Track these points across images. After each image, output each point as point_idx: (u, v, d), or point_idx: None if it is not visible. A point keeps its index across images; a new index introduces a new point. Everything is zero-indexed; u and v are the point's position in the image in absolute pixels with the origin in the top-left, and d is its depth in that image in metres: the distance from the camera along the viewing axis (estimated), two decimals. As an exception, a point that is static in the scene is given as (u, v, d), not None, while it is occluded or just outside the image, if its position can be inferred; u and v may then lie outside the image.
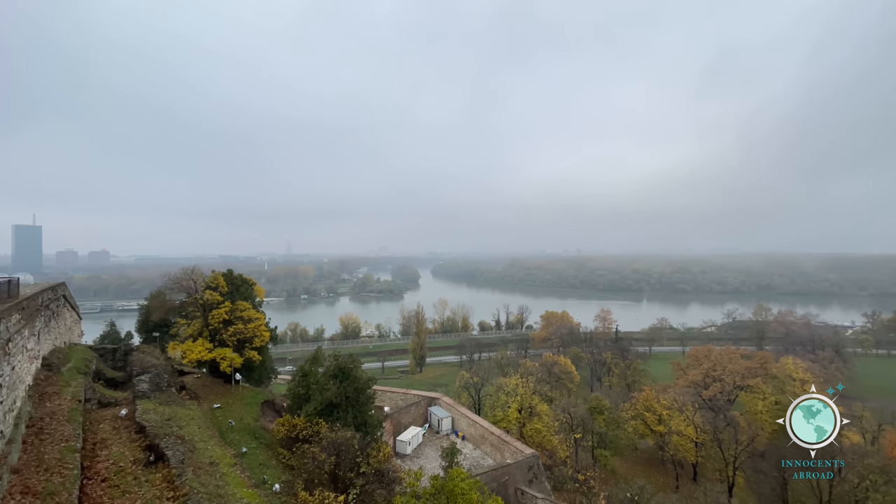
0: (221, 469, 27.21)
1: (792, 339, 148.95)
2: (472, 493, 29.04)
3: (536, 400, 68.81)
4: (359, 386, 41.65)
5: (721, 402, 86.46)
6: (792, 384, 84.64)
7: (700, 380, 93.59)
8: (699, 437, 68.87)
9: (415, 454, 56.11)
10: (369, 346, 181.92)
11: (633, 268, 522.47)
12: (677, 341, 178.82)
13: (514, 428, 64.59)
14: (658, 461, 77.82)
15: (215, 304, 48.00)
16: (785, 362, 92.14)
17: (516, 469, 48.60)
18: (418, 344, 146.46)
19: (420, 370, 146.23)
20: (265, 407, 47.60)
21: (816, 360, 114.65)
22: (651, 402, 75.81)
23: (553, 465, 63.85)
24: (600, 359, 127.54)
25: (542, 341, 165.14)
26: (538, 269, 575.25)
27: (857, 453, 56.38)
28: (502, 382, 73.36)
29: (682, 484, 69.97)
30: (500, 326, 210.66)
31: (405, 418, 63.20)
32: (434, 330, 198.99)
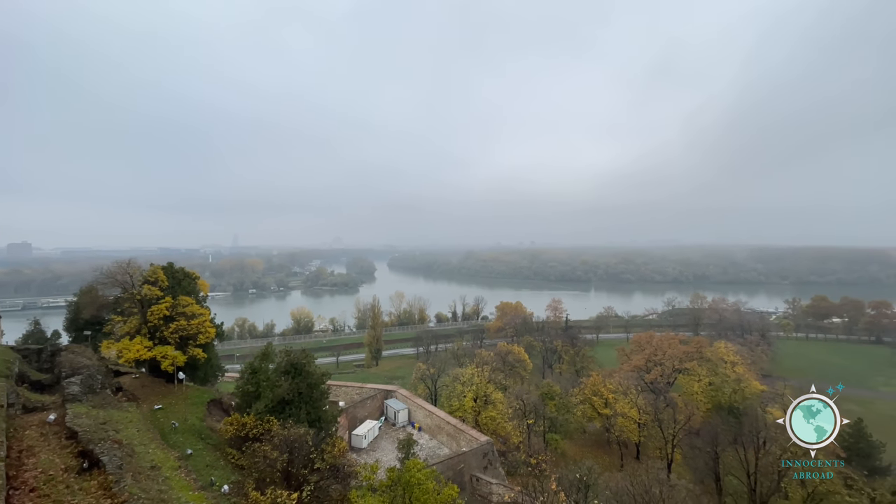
0: (164, 473, 25.78)
1: (724, 324, 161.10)
2: (428, 482, 29.33)
3: (491, 388, 70.24)
4: (312, 381, 40.70)
5: (661, 384, 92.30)
6: (724, 366, 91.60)
7: (643, 364, 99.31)
8: (642, 419, 73.19)
9: (371, 447, 55.83)
10: (323, 341, 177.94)
11: (582, 259, 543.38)
12: (622, 328, 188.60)
13: (469, 416, 65.68)
14: (605, 442, 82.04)
15: (154, 300, 45.12)
16: (718, 346, 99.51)
17: (472, 456, 49.58)
18: (374, 337, 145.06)
19: (376, 363, 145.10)
20: (212, 406, 45.50)
21: (745, 344, 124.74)
22: (598, 387, 79.57)
23: (507, 450, 65.68)
24: (552, 347, 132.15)
25: (497, 331, 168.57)
26: (494, 261, 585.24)
27: (779, 427, 61.92)
28: (458, 373, 74.28)
29: (627, 463, 74.21)
30: (457, 318, 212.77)
31: (361, 412, 62.64)
32: (390, 323, 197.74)
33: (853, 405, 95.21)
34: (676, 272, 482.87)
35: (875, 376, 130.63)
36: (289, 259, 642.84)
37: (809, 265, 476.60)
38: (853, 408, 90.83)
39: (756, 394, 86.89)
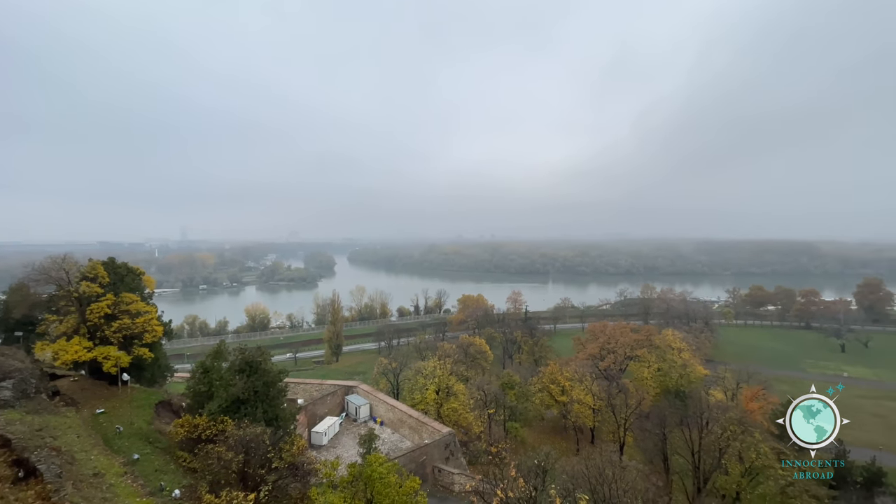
0: (108, 480, 24.41)
1: (671, 313, 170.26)
2: (390, 476, 29.33)
3: (453, 380, 70.95)
4: (268, 380, 39.56)
5: (614, 371, 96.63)
6: (671, 353, 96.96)
7: (597, 352, 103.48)
8: (596, 404, 76.36)
9: (331, 444, 55.11)
10: (280, 338, 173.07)
11: (540, 252, 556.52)
12: (578, 319, 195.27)
13: (431, 409, 66.08)
14: (562, 428, 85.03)
15: (94, 297, 42.20)
16: (666, 334, 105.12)
17: (434, 448, 50.00)
18: (334, 333, 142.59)
19: (336, 359, 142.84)
20: (160, 408, 43.32)
21: (690, 331, 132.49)
22: (555, 375, 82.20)
23: (468, 440, 66.72)
24: (512, 337, 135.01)
25: (459, 324, 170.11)
26: (455, 254, 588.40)
27: (720, 408, 66.52)
28: (421, 366, 74.47)
29: (582, 447, 77.31)
30: (419, 311, 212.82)
31: (321, 409, 61.61)
32: (351, 318, 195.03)
33: (785, 386, 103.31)
34: (628, 264, 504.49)
35: (804, 359, 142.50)
36: (242, 253, 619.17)
37: (748, 257, 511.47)
38: (786, 388, 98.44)
39: (700, 378, 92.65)
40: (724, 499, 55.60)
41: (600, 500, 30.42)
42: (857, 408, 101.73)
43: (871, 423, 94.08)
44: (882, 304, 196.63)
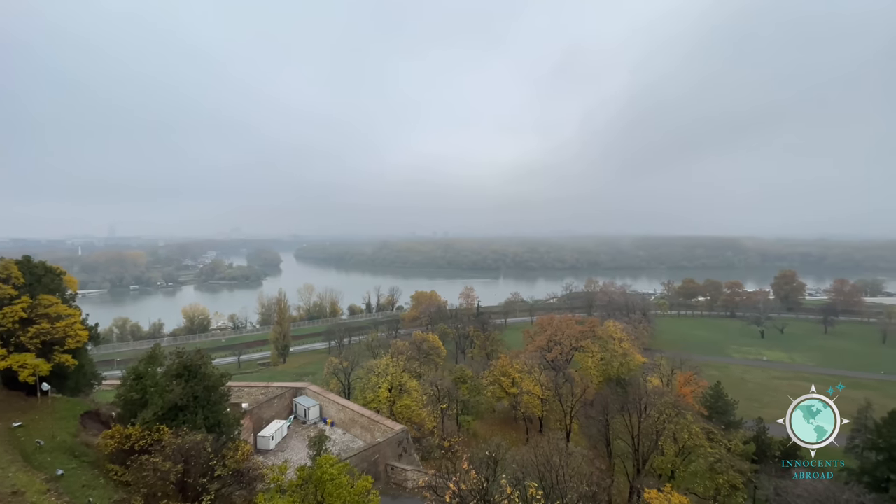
0: (29, 498, 22.36)
1: (613, 305, 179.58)
2: (341, 477, 28.81)
3: (406, 377, 70.80)
4: (209, 384, 37.55)
5: (561, 362, 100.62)
6: (613, 343, 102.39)
7: (545, 344, 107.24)
8: (544, 394, 79.19)
9: (279, 448, 53.30)
10: (222, 340, 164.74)
11: (492, 249, 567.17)
12: (527, 312, 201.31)
13: (384, 407, 65.61)
14: (512, 419, 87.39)
15: (7, 300, 38.06)
16: (608, 325, 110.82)
17: (386, 446, 49.70)
18: (281, 333, 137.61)
19: (284, 361, 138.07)
20: (87, 419, 39.96)
21: (630, 322, 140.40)
22: (506, 368, 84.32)
23: (422, 436, 66.90)
24: (464, 333, 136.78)
25: (412, 320, 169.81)
26: (408, 251, 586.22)
27: (656, 394, 71.16)
28: (373, 364, 73.68)
29: (531, 436, 79.77)
30: (371, 309, 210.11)
31: (267, 412, 59.35)
32: (299, 317, 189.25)
33: (713, 370, 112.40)
34: (574, 259, 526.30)
35: (730, 345, 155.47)
36: (179, 251, 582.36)
37: (681, 252, 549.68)
38: (713, 373, 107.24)
39: (639, 366, 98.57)
40: (661, 478, 59.57)
41: (548, 487, 31.61)
42: (774, 388, 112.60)
43: (787, 402, 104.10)
44: (795, 293, 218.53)
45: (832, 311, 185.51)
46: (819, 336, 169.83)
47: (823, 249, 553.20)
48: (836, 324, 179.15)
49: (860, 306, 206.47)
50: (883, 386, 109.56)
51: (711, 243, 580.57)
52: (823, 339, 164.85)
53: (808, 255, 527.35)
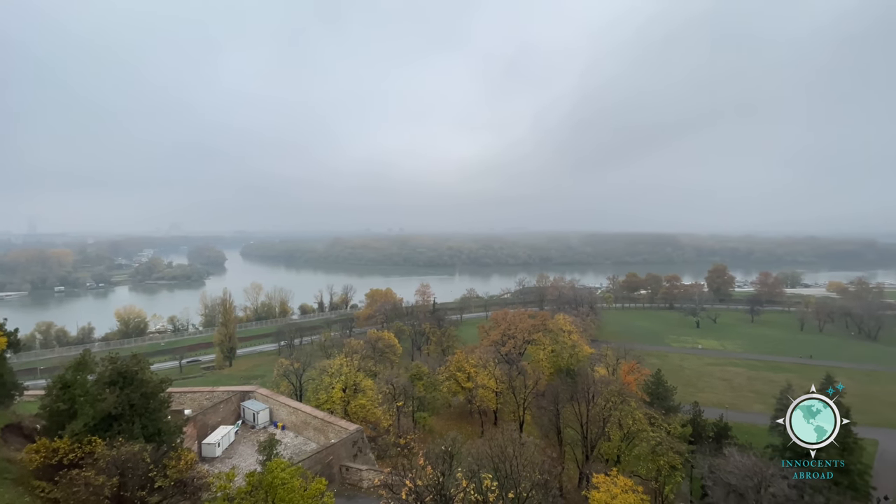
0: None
1: (563, 299, 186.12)
2: (293, 481, 27.96)
3: (361, 376, 69.75)
4: (147, 391, 35.15)
5: (514, 355, 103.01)
6: (563, 335, 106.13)
7: (499, 339, 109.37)
8: (498, 387, 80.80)
9: (226, 455, 50.87)
10: (161, 344, 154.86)
11: (448, 246, 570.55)
12: (482, 308, 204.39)
13: (338, 407, 64.32)
14: (468, 413, 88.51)
15: None
16: (558, 318, 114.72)
17: (341, 447, 48.75)
18: (226, 335, 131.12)
19: (230, 364, 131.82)
20: (8, 433, 36.42)
21: (578, 315, 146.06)
22: (462, 363, 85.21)
23: (377, 435, 66.24)
24: (420, 329, 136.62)
25: (367, 319, 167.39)
26: (363, 247, 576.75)
27: (603, 383, 74.65)
28: (326, 364, 72.01)
29: (486, 429, 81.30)
30: (324, 308, 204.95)
31: (213, 418, 56.44)
32: (246, 318, 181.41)
33: (654, 359, 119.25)
34: (526, 255, 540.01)
35: (669, 335, 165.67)
36: (111, 249, 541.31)
37: (625, 248, 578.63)
38: (654, 361, 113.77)
39: (587, 356, 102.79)
40: (608, 462, 62.56)
41: (503, 477, 32.28)
42: (708, 374, 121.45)
43: (720, 385, 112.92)
44: (726, 286, 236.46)
45: (758, 302, 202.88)
46: (747, 324, 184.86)
47: (750, 245, 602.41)
48: (762, 313, 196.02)
49: (782, 297, 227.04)
50: (802, 368, 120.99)
51: (652, 240, 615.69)
52: (751, 328, 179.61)
53: (736, 250, 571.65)
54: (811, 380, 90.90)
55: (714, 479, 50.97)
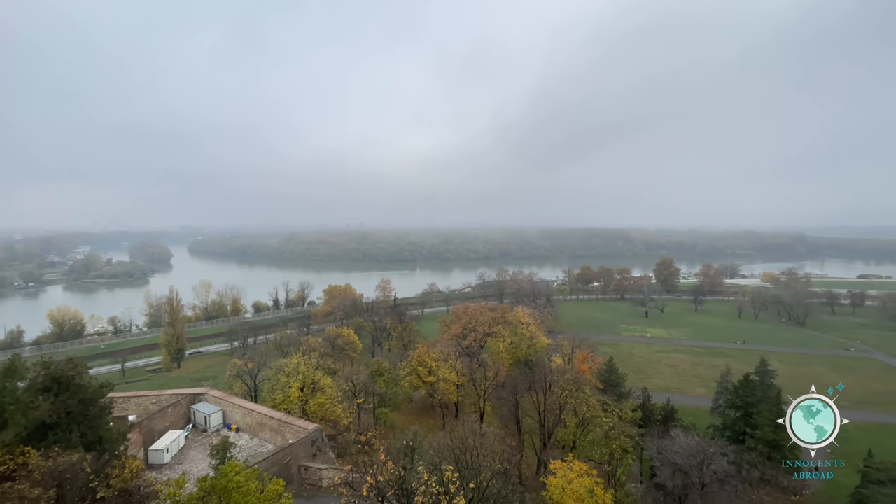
0: None
1: (521, 292, 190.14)
2: (248, 483, 27.11)
3: (319, 375, 68.35)
4: (86, 396, 32.90)
5: (475, 348, 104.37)
6: (521, 327, 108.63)
7: (460, 332, 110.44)
8: (459, 380, 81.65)
9: (176, 461, 48.49)
10: (101, 346, 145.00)
11: (409, 240, 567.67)
12: (444, 302, 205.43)
13: (296, 407, 62.81)
14: (429, 407, 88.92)
15: None
16: (517, 311, 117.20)
17: (299, 447, 47.68)
18: (174, 335, 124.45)
19: (178, 366, 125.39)
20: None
21: (536, 307, 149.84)
22: (423, 358, 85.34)
23: (337, 433, 65.31)
24: (381, 325, 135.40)
25: (325, 316, 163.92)
26: (320, 243, 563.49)
27: (559, 372, 77.10)
28: (282, 363, 70.00)
29: (448, 422, 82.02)
30: (279, 306, 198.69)
31: (160, 423, 53.60)
32: (195, 317, 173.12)
33: (607, 348, 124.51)
34: (486, 250, 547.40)
35: (620, 325, 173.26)
36: (42, 245, 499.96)
37: (580, 242, 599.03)
38: (607, 350, 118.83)
39: (544, 347, 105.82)
40: (564, 449, 64.83)
41: (464, 468, 32.72)
42: (656, 361, 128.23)
43: (666, 371, 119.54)
44: (672, 277, 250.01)
45: (701, 292, 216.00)
46: (691, 313, 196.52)
47: (694, 239, 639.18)
48: (705, 302, 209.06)
49: (722, 287, 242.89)
50: (739, 354, 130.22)
51: (605, 234, 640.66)
52: (694, 316, 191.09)
53: (682, 244, 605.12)
54: (748, 364, 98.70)
55: (662, 459, 54.13)
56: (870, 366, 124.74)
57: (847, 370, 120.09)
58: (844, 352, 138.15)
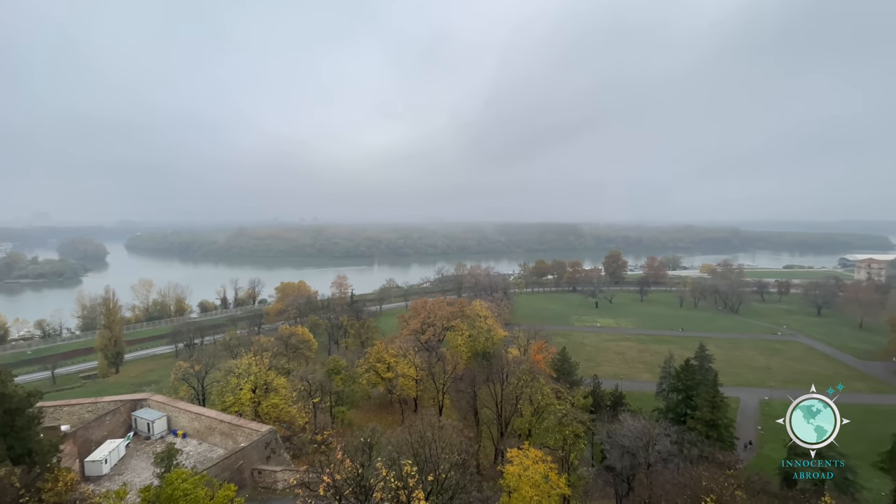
0: None
1: (479, 286, 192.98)
2: (197, 490, 25.97)
3: (273, 375, 66.24)
4: (11, 406, 30.22)
5: (434, 342, 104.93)
6: (479, 320, 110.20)
7: (419, 327, 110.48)
8: (418, 375, 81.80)
9: (116, 472, 45.58)
10: (28, 352, 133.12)
11: (366, 236, 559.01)
12: (402, 298, 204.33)
13: (248, 409, 60.55)
14: (388, 403, 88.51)
15: None
16: (475, 304, 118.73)
17: (252, 450, 46.13)
18: (110, 338, 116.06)
19: (116, 370, 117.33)
20: None
21: (493, 300, 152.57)
22: (381, 354, 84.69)
23: (292, 434, 63.67)
24: (337, 323, 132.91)
25: (278, 314, 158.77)
26: (271, 238, 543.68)
27: (515, 363, 79.12)
28: (232, 364, 67.19)
29: (406, 416, 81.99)
30: (228, 305, 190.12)
31: (97, 433, 50.08)
32: (135, 318, 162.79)
33: (560, 338, 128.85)
34: (444, 245, 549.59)
35: (572, 315, 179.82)
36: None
37: (535, 236, 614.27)
38: (560, 340, 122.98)
39: (501, 339, 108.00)
40: (520, 437, 66.66)
41: (422, 462, 32.93)
42: (605, 349, 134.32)
43: (615, 359, 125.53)
44: (620, 269, 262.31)
45: (646, 283, 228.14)
46: (637, 303, 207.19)
47: (640, 233, 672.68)
48: (650, 293, 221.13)
49: (665, 278, 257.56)
50: (681, 340, 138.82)
51: (558, 229, 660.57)
52: (641, 306, 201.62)
53: (629, 237, 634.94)
54: (689, 350, 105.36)
55: (611, 442, 56.87)
56: (794, 348, 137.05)
57: (774, 353, 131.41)
58: (772, 336, 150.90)
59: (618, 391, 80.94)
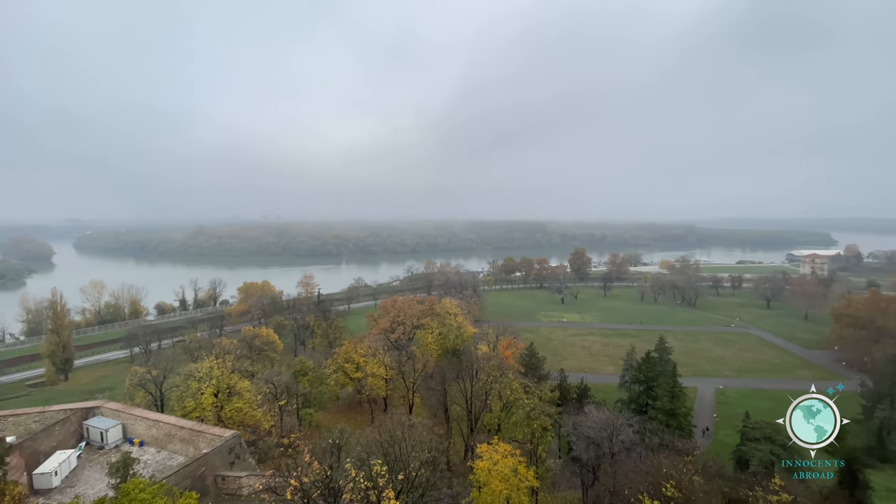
0: None
1: (449, 284, 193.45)
2: (155, 500, 24.88)
3: (236, 378, 64.15)
4: (-57, 420, 27.82)
5: (404, 341, 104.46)
6: (449, 318, 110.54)
7: (388, 326, 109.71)
8: (388, 374, 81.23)
9: (67, 484, 42.94)
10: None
11: (332, 233, 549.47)
12: (371, 296, 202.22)
13: (210, 414, 58.49)
14: (357, 404, 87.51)
15: None
16: (445, 302, 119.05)
17: (215, 456, 44.52)
18: (58, 343, 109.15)
19: (66, 377, 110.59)
20: None
21: (463, 298, 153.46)
22: (350, 354, 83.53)
23: (258, 438, 61.95)
24: (304, 323, 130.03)
25: (240, 315, 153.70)
26: (233, 236, 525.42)
27: (485, 359, 79.85)
28: (193, 368, 64.57)
29: (376, 416, 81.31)
30: (187, 306, 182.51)
31: (46, 444, 47.00)
32: (86, 322, 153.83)
33: (528, 334, 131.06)
34: (414, 243, 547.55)
35: (539, 311, 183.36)
36: None
37: (503, 234, 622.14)
38: (528, 335, 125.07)
39: (471, 336, 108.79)
40: (490, 432, 67.48)
41: (392, 460, 32.80)
42: (571, 343, 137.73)
43: (581, 353, 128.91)
44: (585, 266, 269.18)
45: (609, 279, 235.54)
46: (601, 299, 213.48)
47: (604, 231, 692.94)
48: (613, 288, 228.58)
49: (627, 274, 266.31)
50: (642, 334, 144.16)
51: (526, 227, 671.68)
52: (604, 301, 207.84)
53: (593, 235, 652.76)
54: (649, 343, 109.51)
55: (577, 434, 58.42)
56: (746, 339, 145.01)
57: (728, 344, 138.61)
58: (726, 328, 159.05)
59: (583, 384, 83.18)
